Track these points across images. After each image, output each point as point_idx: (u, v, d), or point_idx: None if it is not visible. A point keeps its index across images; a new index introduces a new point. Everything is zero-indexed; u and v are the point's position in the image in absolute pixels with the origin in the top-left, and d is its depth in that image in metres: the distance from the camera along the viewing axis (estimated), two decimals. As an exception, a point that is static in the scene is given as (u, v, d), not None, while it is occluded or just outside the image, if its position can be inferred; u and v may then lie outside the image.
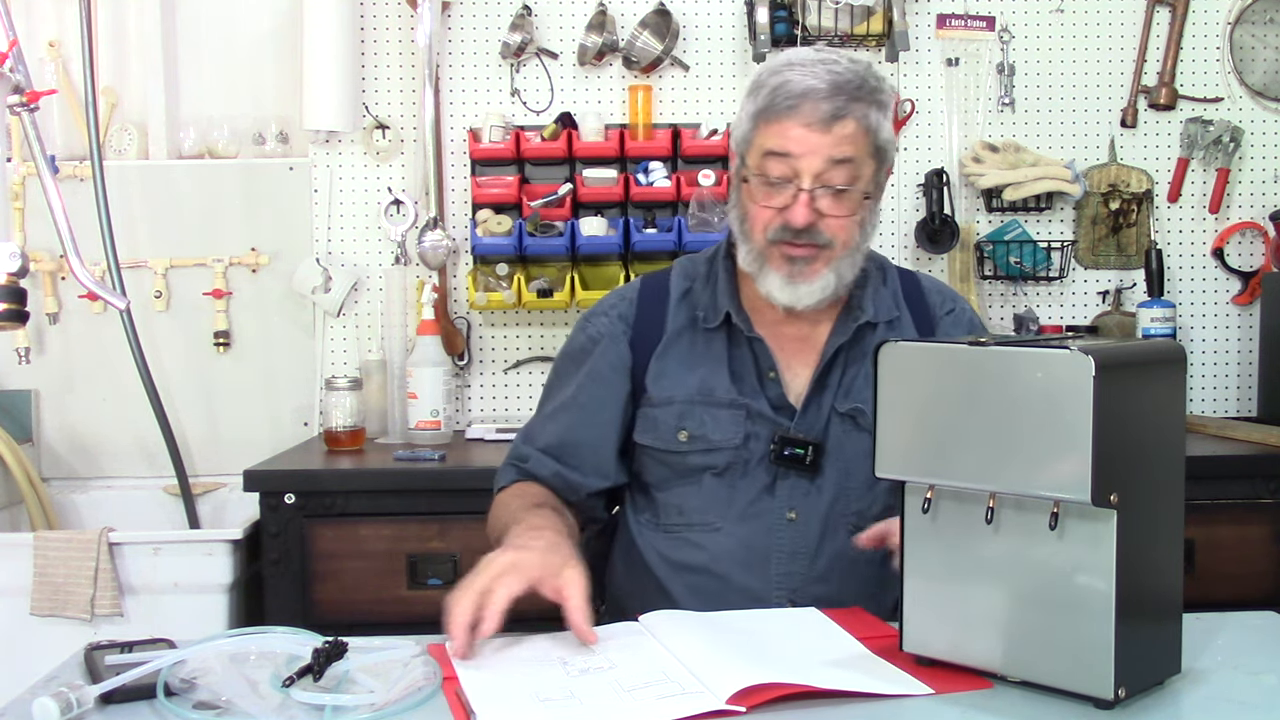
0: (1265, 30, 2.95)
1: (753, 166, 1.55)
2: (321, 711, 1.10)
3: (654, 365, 1.64)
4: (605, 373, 1.66)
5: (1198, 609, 1.35)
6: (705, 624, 1.33)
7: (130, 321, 2.59)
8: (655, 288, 1.70)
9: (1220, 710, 1.11)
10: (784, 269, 1.54)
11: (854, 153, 1.51)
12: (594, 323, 1.70)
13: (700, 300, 1.66)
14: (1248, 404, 2.98)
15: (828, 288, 1.55)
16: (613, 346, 1.67)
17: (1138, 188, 2.95)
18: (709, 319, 1.64)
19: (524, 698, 1.14)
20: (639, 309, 1.68)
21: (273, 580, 2.32)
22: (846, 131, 1.50)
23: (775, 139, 1.51)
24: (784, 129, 1.50)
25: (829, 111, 1.49)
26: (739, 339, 1.63)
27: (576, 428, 1.66)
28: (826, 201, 1.51)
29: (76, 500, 2.83)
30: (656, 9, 2.88)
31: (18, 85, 1.67)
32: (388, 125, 2.91)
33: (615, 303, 1.71)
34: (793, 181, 1.51)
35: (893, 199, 2.95)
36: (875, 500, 1.58)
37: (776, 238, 1.53)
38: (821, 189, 1.51)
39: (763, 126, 1.53)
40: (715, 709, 1.09)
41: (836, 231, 1.53)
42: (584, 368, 1.68)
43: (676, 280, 1.70)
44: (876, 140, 1.53)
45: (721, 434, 1.60)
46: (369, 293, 2.93)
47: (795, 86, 1.50)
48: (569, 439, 1.66)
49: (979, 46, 2.95)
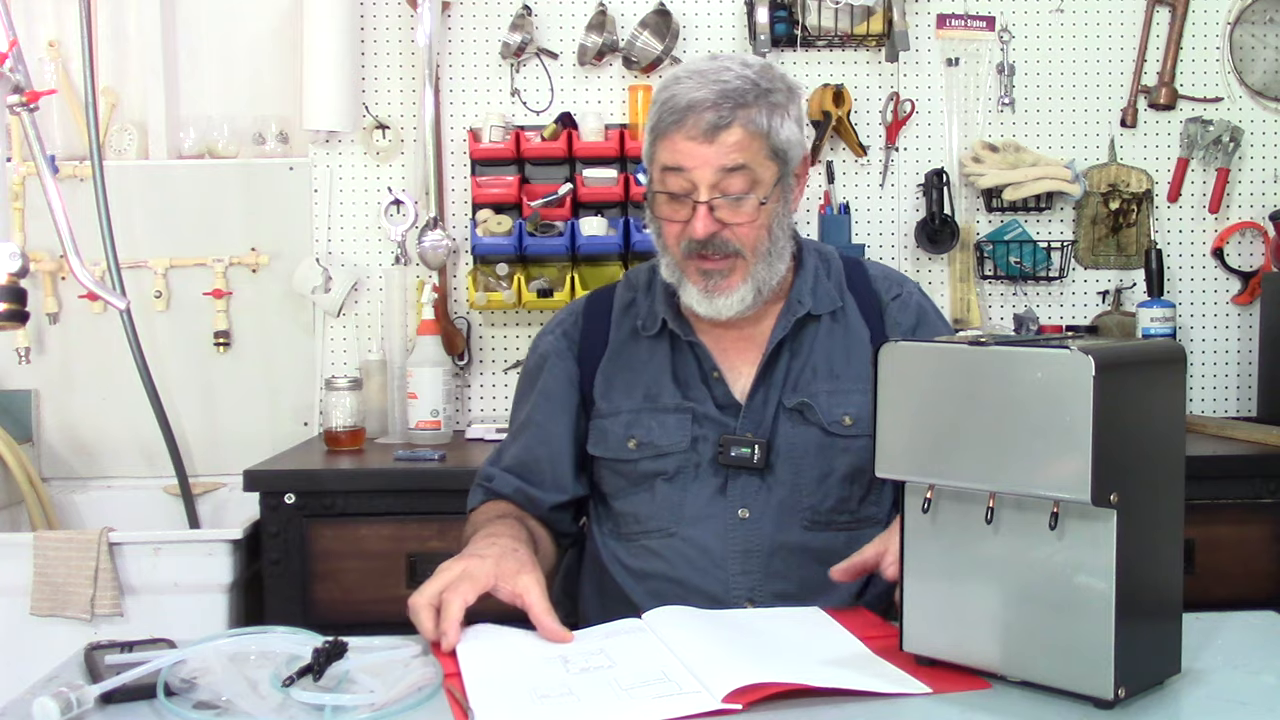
0: (1265, 30, 2.96)
1: (655, 182, 1.56)
2: (321, 711, 1.10)
3: (600, 378, 1.67)
4: (554, 389, 1.69)
5: (1198, 609, 1.35)
6: (707, 621, 1.34)
7: (130, 321, 2.58)
8: (599, 302, 1.73)
9: (1220, 710, 1.11)
10: (700, 283, 1.56)
11: (745, 159, 1.51)
12: (543, 341, 1.74)
13: (641, 310, 1.68)
14: (1248, 404, 2.98)
15: (745, 299, 1.56)
16: (560, 363, 1.70)
17: (1138, 188, 2.95)
18: (647, 327, 1.66)
19: (522, 695, 1.14)
20: (584, 324, 1.71)
21: (273, 580, 2.32)
22: (733, 139, 1.50)
23: (668, 154, 1.53)
24: (673, 143, 1.52)
25: (711, 122, 1.49)
26: (680, 344, 1.64)
27: (534, 445, 1.69)
28: (726, 211, 1.52)
29: (76, 500, 2.83)
30: (656, 9, 2.88)
31: (18, 85, 1.67)
32: (388, 125, 2.91)
33: (561, 319, 1.74)
34: (690, 195, 1.52)
35: (893, 199, 2.95)
36: (828, 494, 1.58)
37: (688, 250, 1.55)
38: (720, 198, 1.51)
39: (657, 142, 1.55)
40: (711, 709, 1.10)
41: (743, 239, 1.54)
42: (536, 386, 1.71)
43: (621, 292, 1.73)
44: (772, 143, 1.53)
45: (669, 439, 1.60)
46: (369, 293, 2.93)
47: (680, 100, 1.51)
48: (527, 457, 1.68)
49: (979, 46, 2.95)
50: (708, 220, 1.52)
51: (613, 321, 1.70)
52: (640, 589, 1.59)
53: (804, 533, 1.57)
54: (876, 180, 2.96)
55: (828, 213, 2.91)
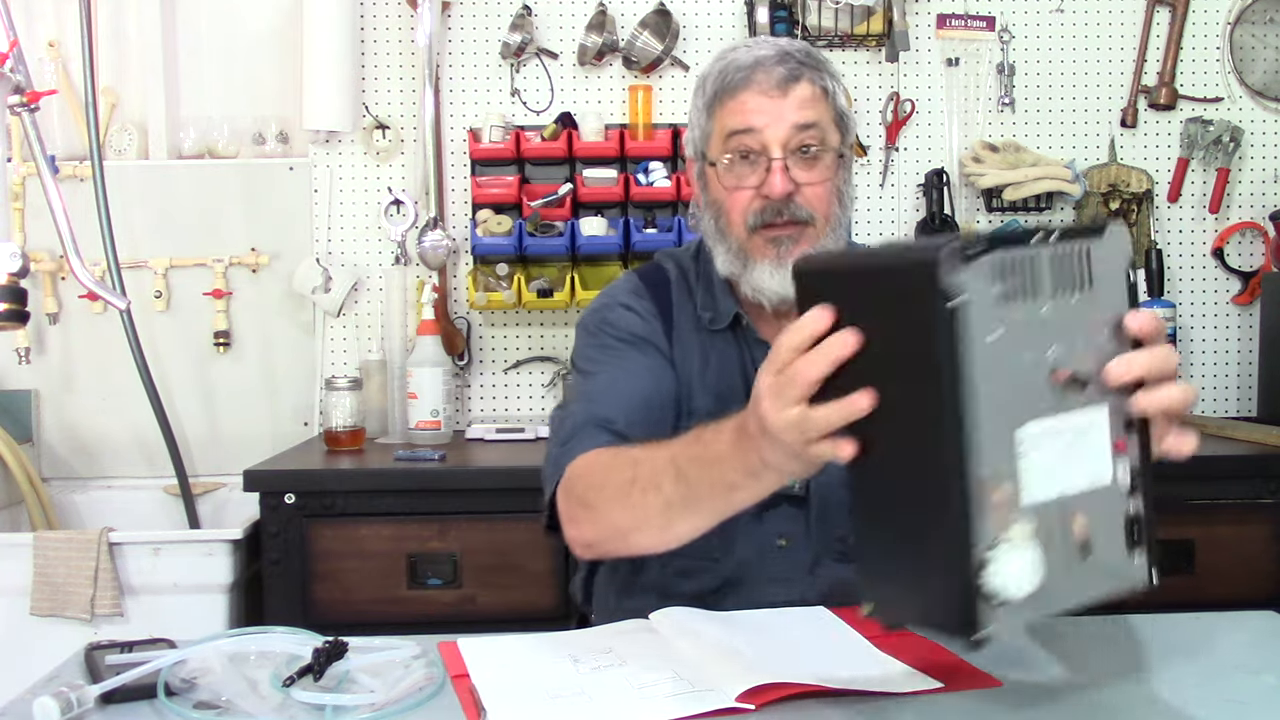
0: (1265, 30, 2.96)
1: (717, 154, 1.49)
2: (321, 711, 1.10)
3: (680, 367, 1.54)
4: (656, 366, 1.53)
5: (1198, 609, 1.35)
6: (716, 622, 1.33)
7: (130, 321, 2.58)
8: (658, 284, 1.60)
9: (1220, 710, 1.11)
10: (770, 254, 1.47)
11: (816, 117, 1.47)
12: (623, 318, 1.56)
13: (699, 299, 1.57)
14: (1248, 404, 2.98)
15: None
16: (653, 350, 1.54)
17: (1138, 188, 2.95)
18: (716, 321, 1.55)
19: (535, 694, 1.14)
20: (656, 308, 1.57)
21: (273, 580, 2.32)
22: (804, 94, 1.46)
23: (735, 116, 1.47)
24: (741, 103, 1.47)
25: (783, 75, 1.46)
26: (750, 342, 1.53)
27: (651, 394, 1.49)
28: (800, 169, 1.46)
29: (76, 500, 2.83)
30: (656, 9, 2.88)
31: (18, 85, 1.67)
32: (388, 125, 2.91)
33: (625, 300, 1.58)
34: (762, 154, 1.46)
35: (893, 199, 2.95)
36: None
37: (756, 222, 1.47)
38: (793, 156, 1.46)
39: (719, 110, 1.49)
40: (725, 707, 1.10)
41: (815, 204, 1.47)
42: (637, 347, 1.53)
43: (675, 276, 1.61)
44: (836, 106, 1.49)
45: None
46: (369, 293, 2.93)
47: (743, 59, 1.48)
48: (646, 403, 1.48)
49: (979, 46, 2.95)
50: (784, 178, 1.44)
51: (675, 304, 1.58)
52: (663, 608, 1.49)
53: (836, 564, 1.51)
54: (876, 180, 2.96)
55: (828, 213, 2.91)
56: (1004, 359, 0.90)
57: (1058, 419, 0.92)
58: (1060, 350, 0.92)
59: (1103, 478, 0.95)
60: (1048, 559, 0.92)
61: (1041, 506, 0.92)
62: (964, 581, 0.90)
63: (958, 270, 0.88)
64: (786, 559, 1.53)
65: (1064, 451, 0.93)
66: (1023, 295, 0.90)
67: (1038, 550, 0.91)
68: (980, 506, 0.89)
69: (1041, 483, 0.92)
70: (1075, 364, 0.93)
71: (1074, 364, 0.93)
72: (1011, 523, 0.91)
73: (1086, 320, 0.94)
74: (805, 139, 1.46)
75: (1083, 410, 0.94)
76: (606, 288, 1.65)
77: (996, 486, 0.90)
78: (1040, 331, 0.91)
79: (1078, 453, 0.94)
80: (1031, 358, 0.91)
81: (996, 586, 0.90)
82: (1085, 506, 0.94)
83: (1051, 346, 0.92)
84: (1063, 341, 0.92)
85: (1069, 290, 0.93)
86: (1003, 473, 0.90)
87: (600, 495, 1.31)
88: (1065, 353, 0.92)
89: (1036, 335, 0.91)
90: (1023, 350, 0.91)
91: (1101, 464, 0.95)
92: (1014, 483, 0.91)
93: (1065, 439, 0.93)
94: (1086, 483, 0.94)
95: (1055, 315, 0.92)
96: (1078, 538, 0.94)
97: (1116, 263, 0.95)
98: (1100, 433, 0.95)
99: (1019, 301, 0.90)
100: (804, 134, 1.46)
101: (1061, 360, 0.92)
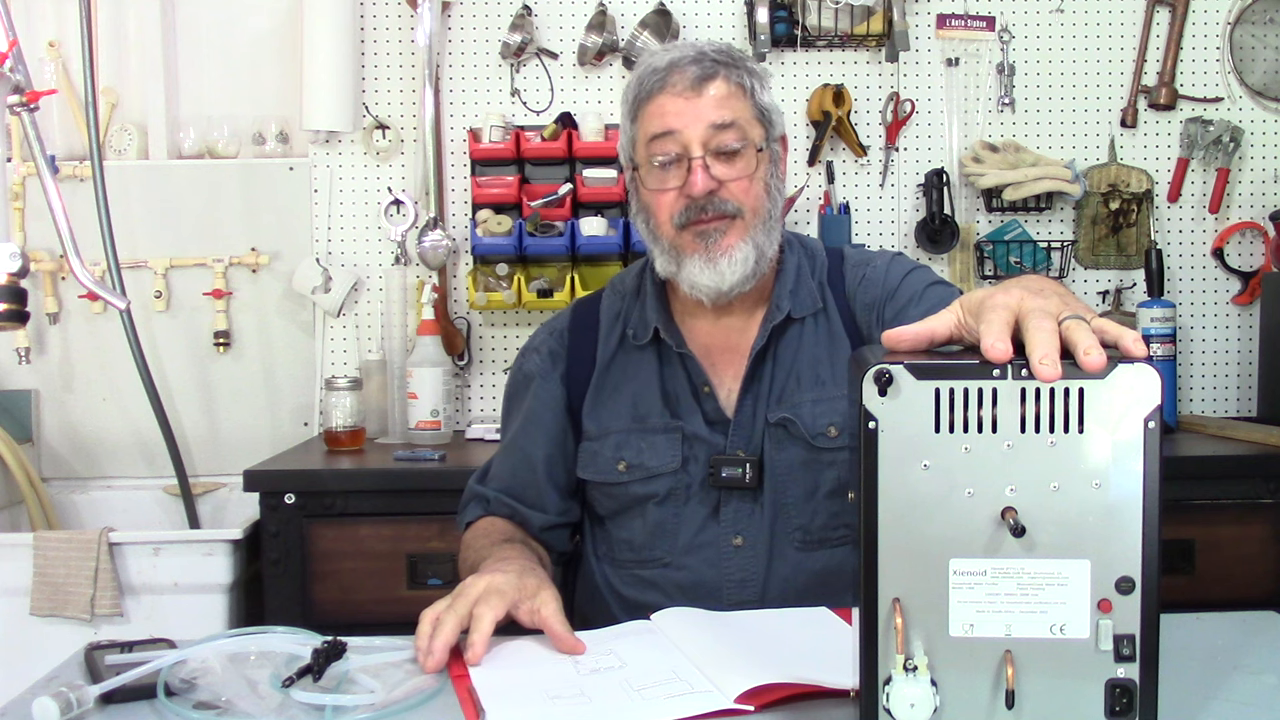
0: (1265, 30, 2.96)
1: (642, 158, 1.52)
2: (321, 711, 1.10)
3: (588, 400, 1.62)
4: (540, 413, 1.64)
5: (1198, 609, 1.35)
6: (715, 622, 1.33)
7: (130, 321, 2.59)
8: (586, 314, 1.68)
9: (1220, 710, 1.11)
10: (699, 249, 1.49)
11: (734, 114, 1.48)
12: (528, 361, 1.68)
13: (630, 317, 1.63)
14: (1248, 404, 2.98)
15: (748, 260, 1.49)
16: (544, 386, 1.65)
17: (1138, 188, 2.95)
18: (638, 335, 1.61)
19: (534, 695, 1.14)
20: (570, 340, 1.66)
21: (272, 580, 2.32)
22: (720, 93, 1.48)
23: (654, 120, 1.49)
24: (659, 107, 1.49)
25: (697, 75, 1.48)
26: (670, 356, 1.59)
27: (519, 470, 1.64)
28: (721, 167, 1.48)
29: (76, 500, 2.83)
30: (656, 9, 2.88)
31: (18, 85, 1.67)
32: (388, 125, 2.91)
33: (544, 339, 1.69)
34: (683, 156, 1.48)
35: (893, 199, 2.95)
36: (816, 512, 1.53)
37: (683, 220, 1.49)
38: (712, 155, 1.48)
39: (640, 116, 1.52)
40: (723, 708, 1.09)
41: (741, 197, 1.49)
42: (521, 408, 1.67)
43: (608, 301, 1.67)
44: (757, 102, 1.51)
45: (658, 460, 1.55)
46: (369, 293, 2.93)
47: (659, 63, 1.50)
48: (514, 481, 1.64)
49: (979, 46, 2.95)
50: (705, 176, 1.47)
51: (600, 335, 1.65)
52: (635, 619, 1.55)
53: (798, 553, 1.53)
54: (876, 180, 2.96)
55: (828, 213, 2.91)
56: (934, 488, 0.91)
57: (1008, 561, 0.92)
58: (1014, 491, 0.92)
59: (1076, 633, 0.93)
60: (953, 695, 0.93)
61: (973, 643, 0.93)
62: (870, 686, 0.94)
63: (879, 395, 0.90)
64: (744, 558, 1.54)
65: (1015, 595, 0.93)
66: (964, 428, 0.91)
67: (929, 685, 0.92)
68: (886, 625, 0.92)
69: (976, 620, 0.93)
70: (1027, 507, 0.92)
71: (1025, 506, 0.92)
72: (924, 650, 0.93)
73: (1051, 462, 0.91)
74: (724, 138, 1.48)
75: (1050, 559, 0.92)
76: (543, 324, 1.73)
77: (907, 610, 0.92)
78: (983, 468, 0.92)
79: (1039, 600, 0.93)
80: (976, 492, 0.92)
81: (891, 706, 0.93)
82: (1039, 657, 0.93)
83: (1007, 487, 0.92)
84: (1018, 482, 0.92)
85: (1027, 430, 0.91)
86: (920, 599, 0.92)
87: (462, 562, 1.60)
88: (1018, 494, 0.92)
89: (980, 470, 0.91)
90: (964, 485, 0.92)
91: (1073, 619, 0.93)
92: (939, 613, 0.93)
93: (1019, 581, 0.93)
94: (1044, 633, 0.93)
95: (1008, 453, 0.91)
96: (1010, 686, 0.93)
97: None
98: (1076, 587, 0.93)
99: (961, 433, 0.91)
100: (722, 133, 1.48)
101: (1013, 501, 0.92)
